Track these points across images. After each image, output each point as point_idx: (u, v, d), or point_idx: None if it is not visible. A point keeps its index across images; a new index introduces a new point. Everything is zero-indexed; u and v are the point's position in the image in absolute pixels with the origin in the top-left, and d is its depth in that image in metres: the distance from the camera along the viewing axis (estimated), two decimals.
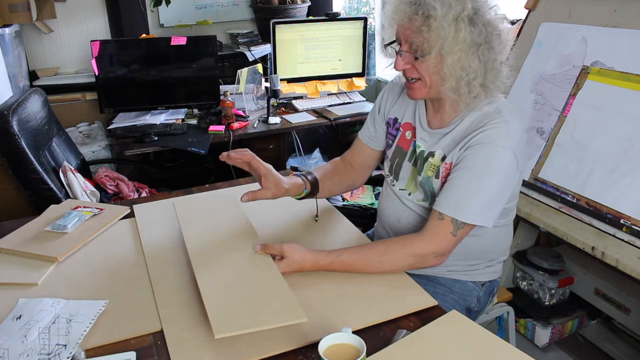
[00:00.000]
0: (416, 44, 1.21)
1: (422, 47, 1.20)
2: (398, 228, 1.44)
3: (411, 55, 1.23)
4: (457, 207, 1.22)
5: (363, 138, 1.55)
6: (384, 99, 1.50)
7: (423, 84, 1.26)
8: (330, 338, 0.93)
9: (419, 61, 1.22)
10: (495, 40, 1.22)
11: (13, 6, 2.72)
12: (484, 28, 1.20)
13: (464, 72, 1.20)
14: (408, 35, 1.21)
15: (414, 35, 1.20)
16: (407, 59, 1.24)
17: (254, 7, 3.45)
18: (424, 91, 1.28)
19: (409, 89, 1.30)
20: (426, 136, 1.36)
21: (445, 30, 1.16)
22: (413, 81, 1.27)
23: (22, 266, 1.31)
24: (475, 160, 1.22)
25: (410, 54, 1.23)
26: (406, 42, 1.23)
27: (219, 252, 1.27)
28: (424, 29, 1.17)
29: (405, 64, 1.25)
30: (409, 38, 1.22)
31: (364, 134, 1.55)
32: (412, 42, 1.21)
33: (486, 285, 1.46)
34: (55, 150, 2.29)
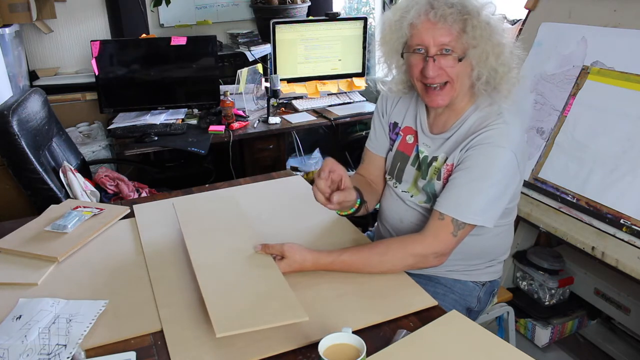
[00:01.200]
0: (456, 46, 1.21)
1: (465, 47, 1.21)
2: (400, 227, 1.44)
3: (450, 58, 1.22)
4: (457, 207, 1.22)
5: (373, 149, 1.52)
6: (384, 103, 1.49)
7: (451, 87, 1.26)
8: (330, 338, 0.93)
9: (459, 64, 1.22)
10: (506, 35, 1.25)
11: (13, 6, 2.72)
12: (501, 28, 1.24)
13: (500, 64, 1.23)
14: (442, 39, 1.20)
15: (456, 37, 1.20)
16: (443, 64, 1.22)
17: (254, 7, 3.45)
18: (451, 94, 1.27)
19: (434, 95, 1.27)
20: (428, 141, 1.36)
21: (487, 27, 1.20)
22: (437, 88, 1.26)
23: (22, 266, 1.31)
24: (476, 161, 1.23)
25: (447, 57, 1.22)
26: (438, 45, 1.21)
27: (219, 252, 1.27)
28: (468, 28, 1.19)
29: (438, 68, 1.23)
30: (442, 42, 1.21)
31: (372, 144, 1.53)
32: (450, 46, 1.21)
33: (487, 285, 1.46)
34: (55, 150, 2.28)
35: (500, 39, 1.22)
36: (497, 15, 1.24)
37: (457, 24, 1.20)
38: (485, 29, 1.20)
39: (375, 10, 3.71)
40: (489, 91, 1.27)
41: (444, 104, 1.29)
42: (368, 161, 1.54)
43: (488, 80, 1.25)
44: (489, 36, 1.20)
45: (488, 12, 1.22)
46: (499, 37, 1.22)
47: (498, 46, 1.22)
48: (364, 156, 1.56)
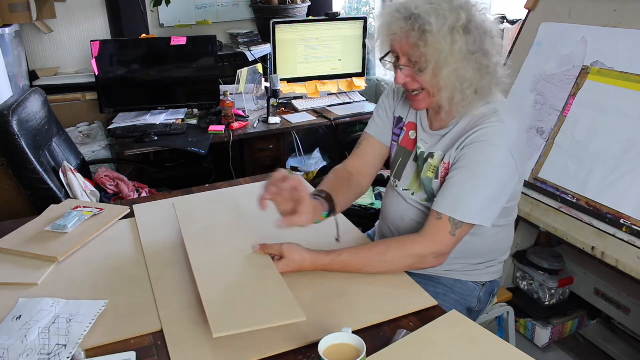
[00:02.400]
0: (414, 58, 1.21)
1: (420, 61, 1.20)
2: (402, 225, 1.44)
3: (411, 68, 1.23)
4: (454, 207, 1.22)
5: (373, 132, 1.50)
6: (390, 96, 1.49)
7: (426, 95, 1.26)
8: (330, 338, 0.93)
9: (419, 75, 1.23)
10: (488, 44, 1.21)
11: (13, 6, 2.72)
12: (477, 35, 1.19)
13: (458, 82, 1.20)
14: (405, 50, 1.22)
15: (411, 50, 1.20)
16: (407, 72, 1.24)
17: (254, 7, 3.45)
18: (428, 101, 1.28)
19: (412, 100, 1.30)
20: (426, 137, 1.37)
21: (441, 43, 1.16)
22: (416, 93, 1.27)
23: (22, 266, 1.31)
24: (471, 159, 1.23)
25: (409, 67, 1.23)
26: (404, 55, 1.23)
27: (218, 252, 1.27)
28: (420, 43, 1.17)
29: (405, 77, 1.25)
30: (406, 52, 1.22)
31: (373, 128, 1.51)
32: (410, 57, 1.22)
33: (487, 285, 1.46)
34: (55, 150, 2.28)
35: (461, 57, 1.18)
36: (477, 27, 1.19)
37: (410, 38, 1.18)
38: (439, 45, 1.16)
39: (375, 10, 3.71)
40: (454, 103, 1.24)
41: (423, 108, 1.32)
42: (365, 147, 1.51)
43: (451, 94, 1.22)
44: (448, 53, 1.17)
45: (451, 28, 1.16)
46: (459, 55, 1.18)
47: (457, 64, 1.18)
48: (361, 142, 1.52)
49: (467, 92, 1.22)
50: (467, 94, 1.22)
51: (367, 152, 1.51)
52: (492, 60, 1.23)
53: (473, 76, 1.21)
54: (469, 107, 1.25)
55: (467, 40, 1.18)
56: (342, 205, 1.43)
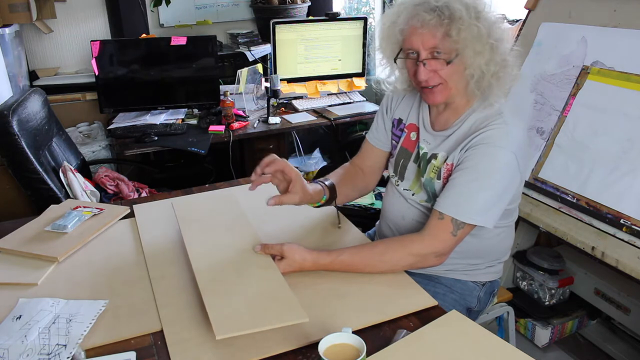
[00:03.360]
0: (444, 50, 1.21)
1: (452, 51, 1.21)
2: (402, 225, 1.44)
3: (439, 61, 1.23)
4: (457, 207, 1.23)
5: (372, 140, 1.55)
6: (390, 99, 1.50)
7: (445, 87, 1.27)
8: (330, 338, 0.93)
9: (449, 66, 1.22)
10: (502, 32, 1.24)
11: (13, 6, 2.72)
12: (495, 22, 1.23)
13: (491, 66, 1.22)
14: (431, 43, 1.21)
15: (440, 42, 1.20)
16: (432, 67, 1.24)
17: (254, 7, 3.45)
18: (446, 94, 1.28)
19: (429, 93, 1.29)
20: (429, 138, 1.37)
21: (472, 28, 1.18)
22: (431, 87, 1.27)
23: (22, 266, 1.31)
24: (476, 161, 1.23)
25: (437, 60, 1.23)
26: (426, 49, 1.22)
27: (218, 252, 1.27)
28: (453, 32, 1.18)
29: (429, 71, 1.24)
30: (431, 45, 1.21)
31: (372, 135, 1.55)
32: (437, 49, 1.21)
33: (487, 285, 1.47)
34: (55, 150, 2.28)
35: (490, 40, 1.21)
36: (489, 14, 1.22)
37: (440, 28, 1.19)
38: (471, 31, 1.18)
39: (375, 10, 3.71)
40: (482, 90, 1.26)
41: (441, 101, 1.31)
42: (365, 151, 1.57)
43: (479, 80, 1.24)
44: (477, 38, 1.19)
45: (475, 13, 1.19)
46: (488, 38, 1.20)
47: (488, 47, 1.21)
48: (362, 146, 1.58)
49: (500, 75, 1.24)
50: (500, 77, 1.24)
51: (368, 156, 1.57)
52: (505, 48, 1.25)
53: (499, 60, 1.23)
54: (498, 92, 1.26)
55: (490, 27, 1.21)
56: (345, 196, 1.51)
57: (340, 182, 1.50)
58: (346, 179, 1.53)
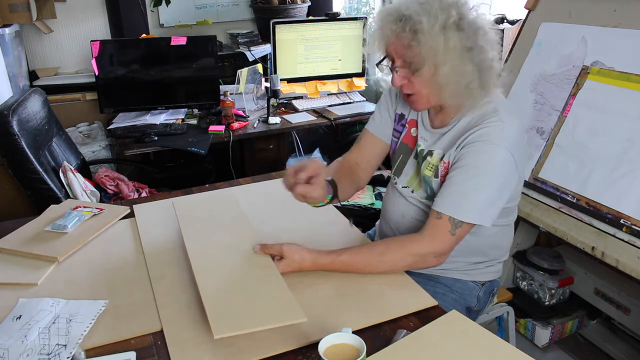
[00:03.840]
0: (409, 59, 1.22)
1: (414, 61, 1.21)
2: (402, 223, 1.44)
3: (407, 70, 1.24)
4: (454, 206, 1.23)
5: (373, 129, 1.51)
6: (392, 93, 1.50)
7: (420, 97, 1.28)
8: (330, 338, 0.93)
9: (415, 75, 1.23)
10: (482, 39, 1.22)
11: (13, 6, 2.72)
12: (471, 31, 1.20)
13: (460, 78, 1.21)
14: (399, 52, 1.23)
15: (405, 51, 1.21)
16: (403, 74, 1.25)
17: (254, 7, 3.45)
18: (424, 102, 1.29)
19: (410, 102, 1.31)
20: (427, 135, 1.37)
21: (434, 41, 1.17)
22: (410, 96, 1.29)
23: (22, 266, 1.31)
24: (471, 159, 1.23)
25: (405, 69, 1.24)
26: (399, 58, 1.24)
27: (218, 252, 1.27)
28: (413, 43, 1.18)
29: (402, 79, 1.26)
30: (400, 54, 1.23)
31: (373, 125, 1.52)
32: (405, 58, 1.23)
33: (486, 285, 1.47)
34: (55, 150, 2.29)
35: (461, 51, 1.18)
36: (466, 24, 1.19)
37: (404, 39, 1.19)
38: (434, 43, 1.17)
39: (375, 10, 3.71)
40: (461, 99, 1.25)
41: (423, 109, 1.33)
42: (363, 143, 1.53)
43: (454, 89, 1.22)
44: (443, 50, 1.17)
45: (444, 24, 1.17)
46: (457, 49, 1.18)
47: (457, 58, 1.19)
48: (360, 138, 1.54)
49: (472, 86, 1.22)
50: (472, 88, 1.22)
51: (366, 147, 1.53)
52: (488, 55, 1.23)
53: (473, 72, 1.21)
54: (475, 102, 1.25)
55: (461, 37, 1.19)
56: (344, 193, 1.45)
57: (338, 178, 1.43)
58: (343, 175, 1.48)
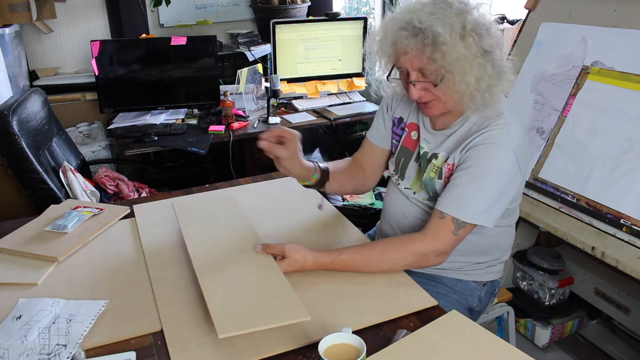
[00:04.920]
0: (429, 72, 1.20)
1: (438, 73, 1.19)
2: (404, 223, 1.44)
3: (427, 83, 1.22)
4: (458, 207, 1.23)
5: (372, 138, 1.54)
6: (391, 98, 1.50)
7: (439, 102, 1.26)
8: (330, 338, 0.93)
9: (437, 87, 1.22)
10: (494, 39, 1.21)
11: (13, 6, 2.72)
12: (485, 33, 1.19)
13: (481, 82, 1.20)
14: (417, 65, 1.21)
15: (426, 65, 1.19)
16: (422, 87, 1.23)
17: (254, 7, 3.45)
18: (441, 107, 1.28)
19: (425, 108, 1.29)
20: (430, 137, 1.37)
21: (457, 51, 1.16)
22: (427, 102, 1.27)
23: (22, 266, 1.31)
24: (477, 161, 1.23)
25: (425, 82, 1.22)
26: (415, 70, 1.22)
27: (220, 252, 1.27)
28: (437, 56, 1.16)
29: (419, 91, 1.24)
30: (418, 67, 1.21)
31: (372, 133, 1.54)
32: (424, 71, 1.21)
33: (487, 285, 1.47)
34: (55, 150, 2.28)
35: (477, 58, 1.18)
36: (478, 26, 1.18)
37: (424, 53, 1.17)
38: (456, 54, 1.16)
39: (375, 10, 3.71)
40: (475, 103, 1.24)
41: (437, 114, 1.31)
42: (365, 149, 1.57)
43: (471, 96, 1.22)
44: (463, 59, 1.17)
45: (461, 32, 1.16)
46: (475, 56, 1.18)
47: (476, 65, 1.18)
48: (363, 144, 1.58)
49: (494, 89, 1.22)
50: (495, 90, 1.22)
51: (368, 154, 1.56)
52: (499, 55, 1.23)
53: (492, 73, 1.21)
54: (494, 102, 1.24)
55: (479, 41, 1.18)
56: (340, 184, 1.50)
57: (337, 170, 1.50)
58: (344, 170, 1.53)
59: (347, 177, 1.53)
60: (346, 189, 1.56)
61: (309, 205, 1.59)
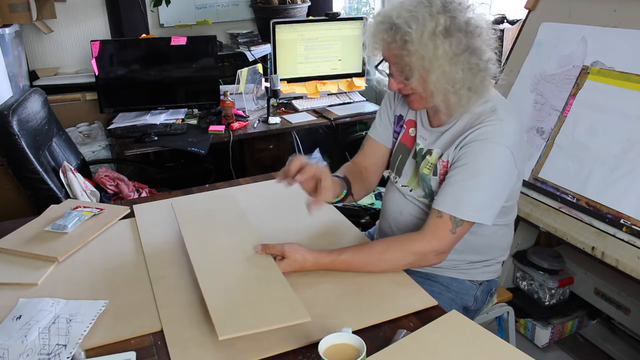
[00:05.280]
0: (400, 66, 1.23)
1: (405, 69, 1.23)
2: (401, 220, 1.44)
3: (400, 76, 1.26)
4: (455, 205, 1.23)
5: (374, 135, 1.54)
6: (391, 96, 1.51)
7: (419, 97, 1.28)
8: (330, 338, 0.93)
9: (410, 81, 1.24)
10: (476, 42, 1.21)
11: (13, 6, 2.72)
12: (462, 35, 1.19)
13: (449, 84, 1.21)
14: (392, 59, 1.25)
15: (397, 59, 1.23)
16: (398, 79, 1.27)
17: (254, 7, 3.45)
18: (422, 102, 1.30)
19: (408, 101, 1.32)
20: (426, 134, 1.37)
21: (423, 50, 1.17)
22: (408, 95, 1.30)
23: (22, 266, 1.31)
24: (471, 158, 1.23)
25: (399, 74, 1.26)
26: (392, 64, 1.26)
27: (219, 253, 1.27)
28: (403, 52, 1.19)
29: (397, 83, 1.28)
30: (393, 61, 1.25)
31: (374, 131, 1.54)
32: (397, 65, 1.24)
33: (484, 284, 1.46)
34: (55, 150, 2.29)
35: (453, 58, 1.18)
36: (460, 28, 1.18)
37: (392, 48, 1.21)
38: (423, 52, 1.17)
39: (375, 10, 3.71)
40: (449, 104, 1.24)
41: (420, 108, 1.34)
42: (367, 149, 1.56)
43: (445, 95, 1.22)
44: (431, 59, 1.17)
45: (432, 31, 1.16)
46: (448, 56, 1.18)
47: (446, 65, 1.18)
48: (364, 143, 1.58)
49: (461, 92, 1.22)
50: (462, 93, 1.22)
51: (370, 153, 1.56)
52: (482, 58, 1.22)
53: (464, 76, 1.21)
54: (467, 105, 1.25)
55: (451, 43, 1.18)
56: (358, 194, 1.51)
57: (351, 177, 1.50)
58: (355, 176, 1.53)
59: (359, 183, 1.53)
60: (361, 195, 1.55)
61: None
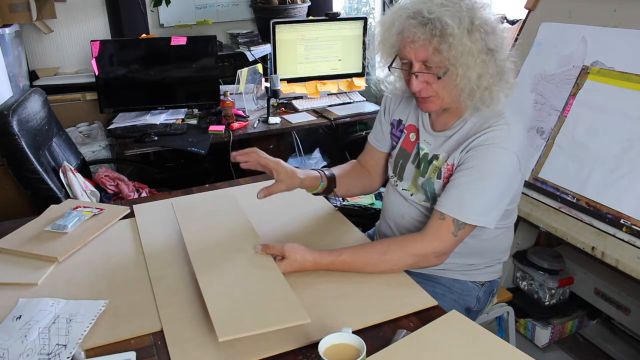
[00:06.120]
0: (433, 63, 1.20)
1: (440, 65, 1.19)
2: (402, 223, 1.44)
3: (430, 75, 1.22)
4: (458, 208, 1.23)
5: (372, 141, 1.56)
6: (388, 100, 1.51)
7: (437, 98, 1.26)
8: (330, 338, 0.93)
9: (440, 80, 1.21)
10: (498, 39, 1.22)
11: (13, 6, 2.72)
12: (491, 32, 1.20)
13: (483, 80, 1.20)
14: (422, 56, 1.20)
15: (431, 56, 1.19)
16: (424, 79, 1.23)
17: (254, 7, 3.45)
18: (438, 104, 1.28)
19: (423, 102, 1.29)
20: (430, 139, 1.37)
21: (464, 45, 1.16)
22: (426, 97, 1.27)
23: (22, 266, 1.31)
24: (478, 162, 1.22)
25: (428, 74, 1.22)
26: (419, 62, 1.22)
27: (219, 253, 1.27)
28: (443, 47, 1.16)
29: (421, 83, 1.24)
30: (422, 58, 1.21)
31: (372, 137, 1.56)
32: (428, 62, 1.21)
33: (486, 285, 1.47)
34: (55, 150, 2.28)
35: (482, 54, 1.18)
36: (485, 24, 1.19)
37: (431, 43, 1.17)
38: (462, 48, 1.16)
39: (375, 10, 3.71)
40: (474, 102, 1.24)
41: (434, 110, 1.31)
42: (367, 152, 1.59)
43: (471, 93, 1.22)
44: (468, 54, 1.17)
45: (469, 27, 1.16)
46: (480, 52, 1.18)
47: (480, 62, 1.18)
48: (365, 146, 1.60)
49: (494, 88, 1.21)
50: (495, 90, 1.22)
51: (370, 156, 1.58)
52: (502, 55, 1.23)
53: (495, 72, 1.21)
54: (492, 102, 1.23)
55: (485, 39, 1.18)
56: (347, 189, 1.55)
57: (343, 174, 1.53)
58: (350, 173, 1.56)
59: (354, 180, 1.56)
60: (353, 191, 1.59)
61: (309, 205, 1.59)
